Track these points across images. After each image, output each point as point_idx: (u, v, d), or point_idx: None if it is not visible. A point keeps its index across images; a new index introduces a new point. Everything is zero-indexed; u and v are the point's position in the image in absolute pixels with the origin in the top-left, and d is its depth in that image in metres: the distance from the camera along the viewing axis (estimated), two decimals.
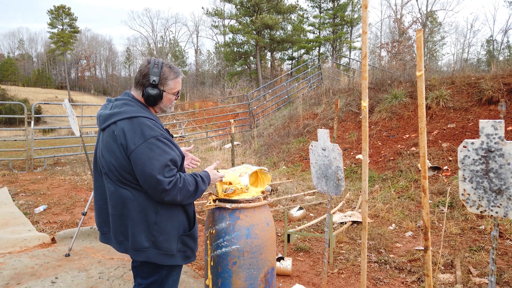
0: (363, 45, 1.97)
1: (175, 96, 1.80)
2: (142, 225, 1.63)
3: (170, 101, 1.80)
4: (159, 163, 1.55)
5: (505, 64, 9.26)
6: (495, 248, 1.60)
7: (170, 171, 1.59)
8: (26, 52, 70.31)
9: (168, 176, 1.57)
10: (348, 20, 33.63)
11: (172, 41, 60.20)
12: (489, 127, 1.54)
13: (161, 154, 1.57)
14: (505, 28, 35.12)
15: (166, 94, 1.75)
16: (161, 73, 1.71)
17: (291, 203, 5.24)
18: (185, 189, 1.62)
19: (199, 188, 1.70)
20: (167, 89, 1.75)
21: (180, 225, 1.72)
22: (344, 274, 3.11)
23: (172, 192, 1.58)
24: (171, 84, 1.75)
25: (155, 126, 1.62)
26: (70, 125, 5.99)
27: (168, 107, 1.81)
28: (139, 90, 1.74)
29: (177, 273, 1.84)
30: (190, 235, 1.76)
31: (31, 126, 8.27)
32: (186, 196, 1.64)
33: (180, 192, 1.60)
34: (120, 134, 1.59)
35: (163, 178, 1.55)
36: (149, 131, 1.58)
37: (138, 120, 1.60)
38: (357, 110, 8.83)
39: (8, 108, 31.45)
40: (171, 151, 1.62)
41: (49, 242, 3.76)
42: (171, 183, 1.57)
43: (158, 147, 1.57)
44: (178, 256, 1.72)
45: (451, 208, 4.56)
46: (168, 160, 1.58)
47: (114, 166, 1.62)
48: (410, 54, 20.02)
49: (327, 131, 2.42)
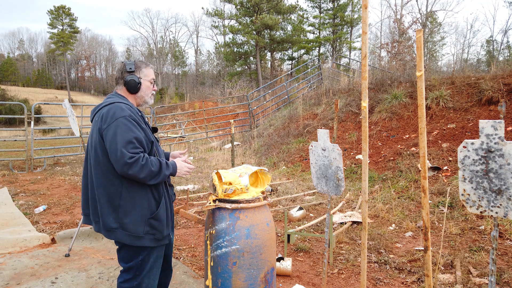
0: (363, 45, 1.97)
1: (152, 85, 2.05)
2: (109, 208, 1.82)
3: (149, 88, 2.04)
4: (124, 138, 1.74)
5: (505, 64, 9.26)
6: (495, 248, 1.60)
7: (134, 148, 1.75)
8: (26, 52, 70.32)
9: (131, 152, 1.73)
10: (348, 20, 33.63)
11: (172, 41, 60.20)
12: (489, 127, 1.54)
13: (126, 131, 1.76)
14: (505, 28, 35.14)
15: (143, 81, 2.01)
16: (134, 63, 2.00)
17: (291, 203, 5.24)
18: (147, 167, 1.75)
19: (162, 171, 1.83)
20: (143, 76, 2.01)
21: (145, 210, 1.84)
22: (344, 274, 3.11)
23: (134, 167, 1.72)
24: (145, 71, 2.02)
25: (128, 110, 1.83)
26: (70, 125, 5.99)
27: (149, 97, 2.05)
28: (120, 85, 2.00)
29: (155, 258, 1.96)
30: (155, 218, 1.87)
31: (31, 126, 8.26)
32: (148, 175, 1.77)
33: (142, 169, 1.74)
34: (98, 119, 1.84)
35: (126, 152, 1.72)
36: (120, 112, 1.80)
37: (114, 105, 1.83)
38: (357, 110, 8.83)
39: (8, 108, 31.43)
40: (136, 131, 1.80)
41: (49, 242, 3.76)
42: (133, 158, 1.72)
43: (125, 125, 1.77)
44: (146, 238, 1.86)
45: (451, 208, 4.56)
46: (132, 137, 1.76)
47: (93, 149, 1.85)
48: (410, 54, 20.02)
49: (327, 131, 2.42)
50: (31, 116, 8.28)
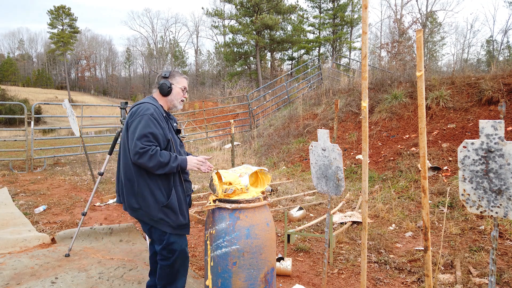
0: (363, 45, 1.97)
1: (182, 92, 2.30)
2: (131, 192, 2.11)
3: (179, 94, 2.28)
4: (141, 132, 2.01)
5: (505, 64, 9.26)
6: (495, 248, 1.60)
7: (148, 141, 2.00)
8: (26, 52, 70.30)
9: (144, 144, 1.99)
10: (348, 20, 33.63)
11: (172, 42, 60.19)
12: (489, 127, 1.54)
13: (145, 127, 2.02)
14: (505, 28, 35.15)
15: (175, 87, 2.27)
16: (170, 71, 2.29)
17: (291, 204, 5.24)
18: (156, 158, 1.99)
19: (170, 162, 2.04)
20: (175, 82, 2.27)
21: (159, 197, 2.08)
22: (344, 275, 3.11)
23: (144, 157, 1.97)
24: (178, 79, 2.29)
25: (152, 109, 2.09)
26: (70, 125, 5.99)
27: (178, 102, 2.29)
28: (155, 88, 2.29)
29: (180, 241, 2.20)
30: (167, 206, 2.10)
31: (31, 126, 8.26)
32: (156, 165, 2.00)
33: (150, 159, 1.98)
34: (129, 114, 2.16)
35: (139, 143, 1.98)
36: (144, 111, 2.08)
37: (142, 105, 2.14)
38: (357, 110, 8.83)
39: (8, 108, 31.44)
40: (154, 128, 2.04)
41: (49, 242, 3.75)
42: (143, 149, 1.97)
43: (145, 121, 2.03)
44: (161, 223, 2.13)
45: (451, 208, 4.56)
46: (148, 132, 2.01)
47: (123, 141, 2.16)
48: (410, 54, 20.01)
49: (327, 131, 2.42)
50: (31, 116, 8.28)
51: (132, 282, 2.85)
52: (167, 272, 2.23)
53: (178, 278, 2.29)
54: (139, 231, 4.08)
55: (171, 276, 2.25)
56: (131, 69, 72.73)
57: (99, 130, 22.35)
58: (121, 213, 4.97)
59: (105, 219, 4.66)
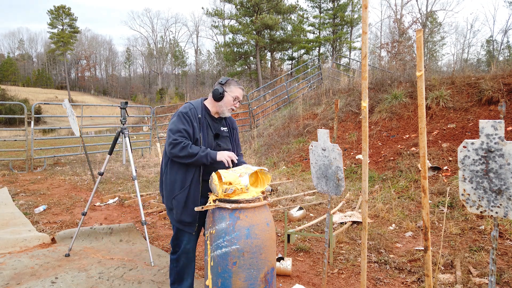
0: (363, 45, 1.97)
1: (233, 101, 2.38)
2: (161, 180, 2.40)
3: (229, 103, 2.38)
4: (176, 127, 2.25)
5: (505, 64, 9.26)
6: (495, 248, 1.60)
7: (181, 136, 2.22)
8: (26, 52, 70.26)
9: (177, 136, 2.21)
10: (348, 20, 33.61)
11: (172, 41, 60.16)
12: (489, 127, 1.54)
13: (179, 123, 2.26)
14: (505, 28, 35.14)
15: (227, 94, 2.36)
16: (228, 79, 2.40)
17: (291, 203, 5.24)
18: (186, 148, 2.18)
19: (198, 154, 2.20)
20: (229, 90, 2.37)
21: (174, 187, 2.26)
22: (344, 274, 3.11)
23: (176, 147, 2.19)
24: (232, 88, 2.38)
25: (189, 109, 2.30)
26: (70, 125, 5.99)
27: (227, 109, 2.39)
28: (211, 92, 2.41)
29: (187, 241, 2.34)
30: (175, 198, 2.26)
31: (31, 126, 8.26)
32: (186, 155, 2.19)
33: (181, 150, 2.18)
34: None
35: (173, 135, 2.22)
36: (182, 109, 2.30)
37: (185, 104, 2.37)
38: (357, 110, 8.83)
39: (8, 108, 31.43)
40: (186, 125, 2.25)
41: (49, 242, 3.75)
42: (176, 140, 2.19)
43: (179, 118, 2.27)
44: (171, 213, 2.33)
45: (451, 208, 4.56)
46: (181, 128, 2.24)
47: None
48: (410, 54, 20.01)
49: (327, 131, 2.42)
50: (31, 116, 8.27)
51: (132, 282, 2.85)
52: (173, 266, 2.40)
53: (184, 279, 2.40)
54: (139, 231, 4.08)
55: (178, 274, 2.40)
56: (131, 69, 72.74)
57: (99, 130, 22.35)
58: (121, 213, 4.98)
59: (105, 219, 4.66)
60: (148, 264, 3.20)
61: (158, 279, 2.93)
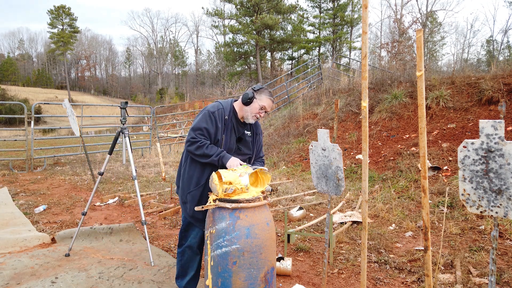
0: (363, 45, 1.97)
1: (259, 109, 2.35)
2: (178, 173, 2.48)
3: (255, 110, 2.34)
4: (198, 124, 2.26)
5: (505, 64, 9.26)
6: (495, 248, 1.60)
7: (201, 134, 2.24)
8: (26, 52, 70.28)
9: (196, 134, 2.23)
10: (348, 20, 33.62)
11: (172, 41, 60.17)
12: (489, 127, 1.54)
13: (202, 121, 2.26)
14: (505, 28, 35.16)
15: (255, 101, 2.34)
16: (262, 87, 2.39)
17: (291, 203, 5.24)
18: (202, 148, 2.22)
19: (213, 155, 2.22)
20: (258, 97, 2.35)
21: (189, 183, 2.32)
22: (344, 274, 3.11)
23: (193, 145, 2.23)
24: (263, 97, 2.36)
25: (216, 109, 2.29)
26: (70, 125, 5.99)
27: (251, 116, 2.35)
28: (241, 96, 2.41)
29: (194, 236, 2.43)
30: (190, 193, 2.31)
31: (31, 126, 8.26)
32: (201, 154, 2.23)
33: (197, 149, 2.22)
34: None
35: (193, 133, 2.24)
36: (209, 108, 2.30)
37: (213, 103, 2.36)
38: (357, 110, 8.83)
39: (8, 108, 31.45)
40: (210, 124, 2.25)
41: (49, 242, 3.75)
42: (194, 139, 2.22)
43: (204, 116, 2.27)
44: (184, 207, 2.39)
45: (451, 208, 4.56)
46: (203, 127, 2.24)
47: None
48: (410, 54, 20.01)
49: (327, 131, 2.42)
50: (31, 116, 8.27)
51: (132, 282, 2.85)
52: (178, 260, 2.50)
53: (187, 274, 2.49)
54: (139, 231, 4.08)
55: (182, 267, 2.49)
56: (131, 69, 72.77)
57: (99, 130, 22.35)
58: (121, 212, 4.98)
59: (105, 219, 4.66)
60: (148, 264, 3.20)
61: (158, 279, 2.93)
